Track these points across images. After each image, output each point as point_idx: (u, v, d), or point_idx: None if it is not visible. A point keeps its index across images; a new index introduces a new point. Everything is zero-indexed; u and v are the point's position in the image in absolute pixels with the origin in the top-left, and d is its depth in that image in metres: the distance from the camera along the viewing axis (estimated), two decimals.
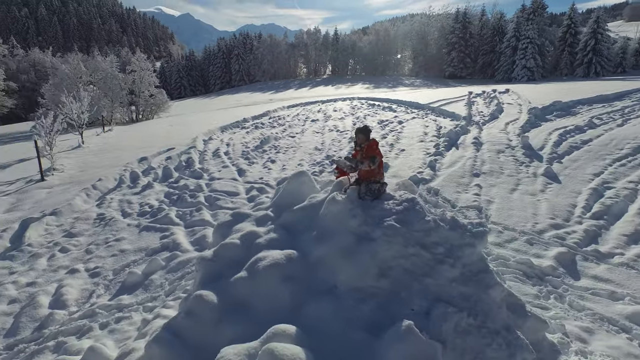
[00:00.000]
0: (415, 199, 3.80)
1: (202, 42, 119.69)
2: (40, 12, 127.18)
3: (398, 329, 2.50)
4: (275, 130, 23.83)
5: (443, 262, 3.19)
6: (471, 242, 3.43)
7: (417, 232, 3.32)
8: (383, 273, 3.02)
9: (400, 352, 2.39)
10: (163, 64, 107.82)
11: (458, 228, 3.47)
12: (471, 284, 3.17)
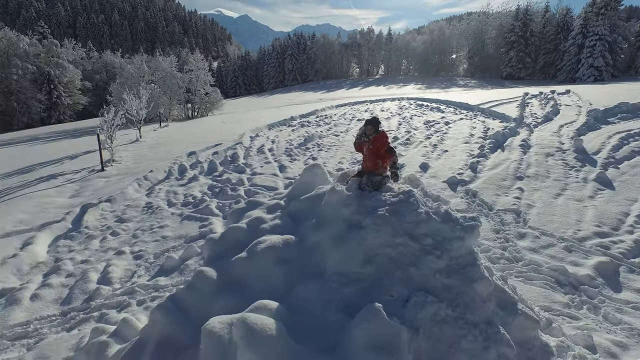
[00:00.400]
0: (411, 191, 3.85)
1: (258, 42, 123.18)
2: (114, 17, 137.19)
3: (366, 310, 2.61)
4: (321, 129, 24.14)
5: (430, 253, 3.24)
6: (461, 236, 3.44)
7: (407, 223, 3.39)
8: (369, 260, 3.13)
9: (364, 331, 2.50)
10: (220, 63, 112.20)
11: (450, 221, 3.49)
12: (456, 277, 3.20)
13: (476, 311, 2.99)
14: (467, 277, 3.14)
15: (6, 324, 6.89)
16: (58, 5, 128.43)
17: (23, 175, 16.70)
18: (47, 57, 65.63)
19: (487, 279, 3.12)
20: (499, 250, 8.56)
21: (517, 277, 7.52)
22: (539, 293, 6.97)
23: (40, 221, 11.18)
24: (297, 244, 3.41)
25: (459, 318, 2.87)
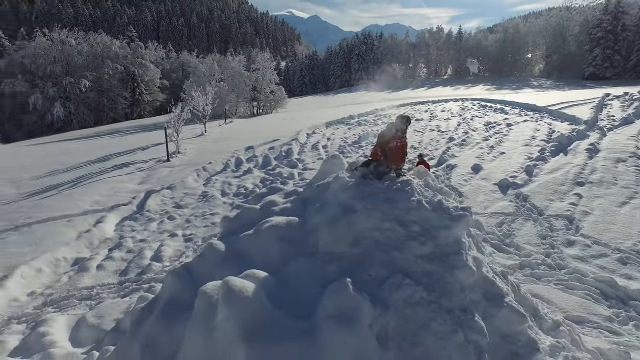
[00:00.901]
0: (410, 181, 3.94)
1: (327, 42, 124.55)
2: (192, 20, 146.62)
3: (337, 284, 2.80)
4: (377, 128, 24.12)
5: (415, 240, 3.32)
6: (448, 225, 3.45)
7: (398, 209, 3.50)
8: (357, 242, 3.30)
9: (331, 301, 2.69)
10: (288, 63, 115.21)
11: (440, 210, 3.52)
12: (438, 263, 3.24)
13: (453, 298, 3.04)
14: (449, 265, 3.20)
15: (76, 286, 7.93)
16: (146, 11, 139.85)
17: (102, 163, 18.65)
18: (133, 59, 71.66)
19: (469, 268, 3.14)
20: (541, 256, 8.16)
21: (557, 285, 7.16)
22: (578, 303, 6.60)
23: (111, 203, 12.51)
24: (300, 225, 3.68)
25: (433, 302, 2.96)
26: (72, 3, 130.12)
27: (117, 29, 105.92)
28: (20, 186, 15.51)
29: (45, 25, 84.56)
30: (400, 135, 4.36)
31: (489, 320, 3.13)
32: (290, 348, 2.51)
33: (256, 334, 2.54)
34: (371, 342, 2.59)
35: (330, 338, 2.54)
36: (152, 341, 3.06)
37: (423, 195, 3.67)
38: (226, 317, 2.62)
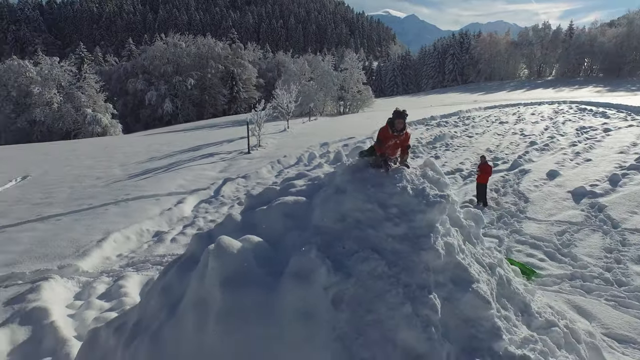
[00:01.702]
0: (402, 169, 4.15)
1: (424, 42, 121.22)
2: (290, 22, 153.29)
3: (305, 249, 3.22)
4: (456, 129, 23.41)
5: (390, 220, 3.53)
6: (423, 209, 3.59)
7: (383, 193, 3.73)
8: (341, 219, 3.63)
9: (294, 262, 3.07)
10: (380, 63, 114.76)
11: (420, 196, 3.69)
12: (407, 243, 3.42)
13: (414, 275, 3.24)
14: (417, 246, 3.39)
15: (152, 253, 9.28)
16: (248, 14, 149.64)
17: (193, 152, 20.90)
18: (233, 58, 77.26)
19: (435, 251, 3.31)
20: (599, 269, 7.60)
21: (608, 301, 6.66)
22: (627, 322, 6.11)
23: (193, 187, 14.12)
24: (305, 204, 4.16)
25: (392, 276, 3.20)
26: (186, 10, 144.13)
27: (222, 32, 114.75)
28: (127, 168, 18.15)
29: (163, 30, 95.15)
30: (398, 131, 4.41)
31: (453, 302, 3.30)
32: (256, 295, 3.03)
33: (232, 282, 3.10)
34: (323, 301, 2.98)
35: (287, 290, 3.00)
36: (169, 285, 3.80)
37: (412, 183, 3.90)
38: (212, 267, 3.23)
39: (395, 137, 4.44)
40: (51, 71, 48.25)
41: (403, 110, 4.63)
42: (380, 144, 4.37)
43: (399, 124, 4.41)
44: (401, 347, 2.94)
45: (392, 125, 4.41)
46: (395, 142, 4.51)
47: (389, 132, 4.39)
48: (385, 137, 4.39)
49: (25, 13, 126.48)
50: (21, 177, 18.52)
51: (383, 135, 4.40)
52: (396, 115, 4.47)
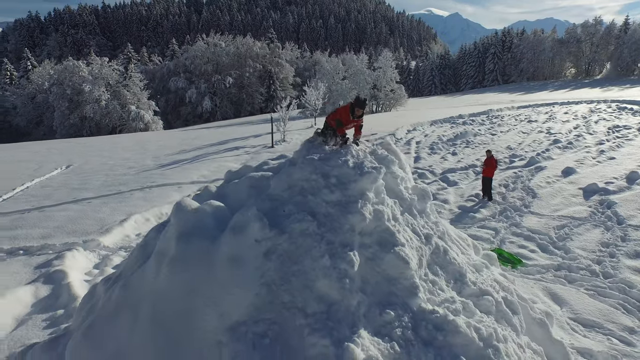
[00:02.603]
0: (350, 147, 4.54)
1: (467, 41, 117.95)
2: (330, 22, 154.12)
3: (246, 207, 3.75)
4: (480, 128, 23.12)
5: (327, 188, 3.93)
6: (356, 179, 3.98)
7: (327, 166, 4.13)
8: (289, 187, 4.06)
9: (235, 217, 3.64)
10: (418, 62, 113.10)
11: (357, 168, 4.09)
12: (338, 208, 3.81)
13: (339, 235, 3.65)
14: (345, 210, 3.78)
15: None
16: (288, 14, 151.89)
17: (219, 146, 21.96)
18: (271, 58, 78.91)
19: (361, 214, 3.71)
20: (589, 262, 7.65)
21: (587, 290, 6.77)
22: (599, 309, 6.26)
23: (214, 177, 15.00)
24: (269, 178, 4.69)
25: (319, 235, 3.62)
26: (228, 11, 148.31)
27: (262, 32, 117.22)
28: (158, 159, 19.43)
29: (205, 31, 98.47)
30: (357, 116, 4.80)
31: (376, 261, 3.70)
32: (202, 245, 3.58)
33: (184, 234, 3.68)
34: (253, 251, 3.48)
35: (224, 241, 3.53)
36: (146, 242, 4.46)
37: (355, 158, 4.33)
38: (172, 222, 3.84)
39: (353, 121, 4.84)
40: (101, 70, 51.48)
41: (364, 99, 5.02)
42: (341, 125, 4.78)
43: (358, 112, 4.80)
44: (318, 294, 3.39)
45: (352, 112, 4.79)
46: (355, 124, 4.93)
47: (347, 116, 4.78)
48: (345, 121, 4.80)
49: (83, 18, 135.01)
50: (65, 166, 20.29)
51: (344, 118, 4.79)
52: (357, 104, 4.83)
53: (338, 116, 4.81)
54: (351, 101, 4.90)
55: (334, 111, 5.01)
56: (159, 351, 3.27)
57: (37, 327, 5.95)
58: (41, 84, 55.24)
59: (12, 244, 9.73)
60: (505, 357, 3.44)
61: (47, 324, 6.02)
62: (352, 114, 4.85)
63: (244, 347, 3.08)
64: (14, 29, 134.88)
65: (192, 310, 3.32)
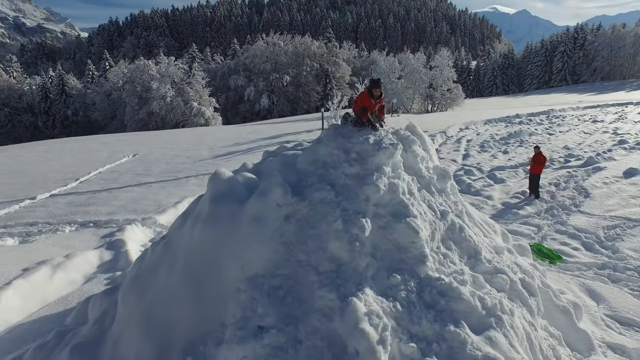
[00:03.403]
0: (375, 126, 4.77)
1: (535, 39, 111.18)
2: (389, 21, 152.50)
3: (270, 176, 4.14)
4: (538, 127, 22.06)
5: (347, 162, 4.21)
6: (374, 154, 4.21)
7: (350, 143, 4.40)
8: (313, 162, 4.38)
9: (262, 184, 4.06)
10: (479, 62, 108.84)
11: (376, 145, 4.32)
12: (355, 180, 4.04)
13: (354, 203, 3.89)
14: (362, 181, 4.02)
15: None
16: (347, 14, 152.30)
17: (271, 139, 22.82)
18: (328, 57, 79.67)
19: (375, 186, 3.93)
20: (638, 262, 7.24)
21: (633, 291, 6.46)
22: None
23: None
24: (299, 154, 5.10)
25: (336, 203, 3.88)
26: (288, 11, 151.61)
27: (320, 32, 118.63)
28: (213, 150, 20.64)
29: (265, 31, 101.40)
30: (376, 97, 4.97)
31: (388, 229, 3.92)
32: (231, 206, 4.03)
33: (217, 198, 4.14)
34: (274, 213, 3.83)
35: (250, 203, 3.96)
36: (189, 210, 5.01)
37: (377, 136, 4.60)
38: (208, 188, 4.33)
39: (375, 104, 5.05)
40: (167, 69, 54.98)
41: (378, 78, 5.20)
42: (365, 111, 5.01)
43: (376, 91, 4.98)
44: (330, 255, 3.70)
45: (370, 94, 4.98)
46: (377, 105, 5.15)
47: (368, 100, 5.00)
48: (368, 105, 5.01)
49: (154, 21, 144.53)
50: (132, 155, 22.14)
51: (365, 103, 5.01)
52: (372, 85, 5.03)
53: (360, 103, 5.04)
54: (366, 85, 5.11)
55: (355, 100, 5.22)
56: (188, 295, 3.76)
57: (100, 283, 6.82)
58: (116, 82, 59.93)
59: (84, 218, 11.01)
60: (510, 328, 3.55)
61: (107, 282, 6.87)
62: (371, 96, 5.04)
63: (259, 295, 3.47)
64: (97, 33, 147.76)
65: (218, 261, 3.77)
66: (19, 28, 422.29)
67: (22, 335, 5.38)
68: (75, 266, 7.30)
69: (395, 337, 3.22)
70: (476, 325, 3.45)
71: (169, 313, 3.80)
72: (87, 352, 4.31)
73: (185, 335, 3.54)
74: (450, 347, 3.22)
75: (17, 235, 10.02)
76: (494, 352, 3.17)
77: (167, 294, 3.94)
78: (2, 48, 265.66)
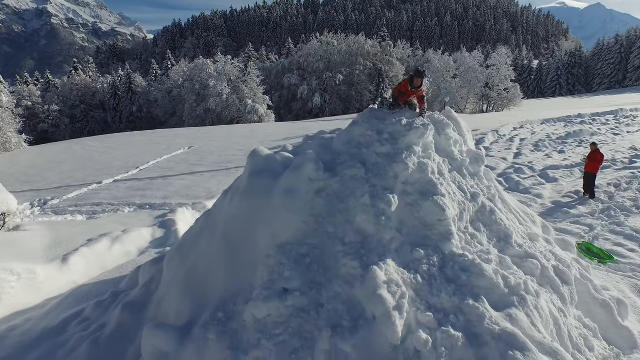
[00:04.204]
0: (404, 109, 4.86)
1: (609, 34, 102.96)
2: (446, 19, 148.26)
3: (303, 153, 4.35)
4: (601, 127, 20.60)
5: (379, 142, 4.30)
6: (405, 134, 4.26)
7: (383, 124, 4.51)
8: (348, 142, 4.52)
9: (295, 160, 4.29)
10: (541, 61, 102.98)
11: (407, 125, 4.38)
12: (385, 158, 4.09)
13: (382, 180, 3.96)
14: (391, 160, 4.08)
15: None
16: (403, 13, 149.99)
17: None
18: (382, 56, 78.99)
19: (404, 164, 3.99)
20: None
21: None
22: None
23: None
24: None
25: (365, 179, 3.97)
26: (343, 11, 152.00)
27: (375, 31, 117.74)
28: (263, 144, 21.27)
29: (320, 30, 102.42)
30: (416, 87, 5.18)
31: (415, 207, 3.99)
32: (267, 180, 4.28)
33: (254, 173, 4.43)
34: (306, 186, 4.02)
35: (284, 177, 4.20)
36: (230, 186, 5.38)
37: (410, 118, 4.70)
38: (247, 164, 4.65)
39: (414, 92, 5.25)
40: (224, 67, 57.23)
41: (423, 70, 5.42)
42: (402, 94, 5.24)
43: (417, 81, 5.19)
44: (356, 227, 3.85)
45: (411, 82, 5.21)
46: (416, 94, 5.31)
47: (407, 87, 5.23)
48: (405, 91, 5.28)
49: (214, 22, 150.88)
50: (188, 147, 23.43)
51: (403, 89, 5.28)
52: (416, 74, 5.26)
53: (399, 87, 5.27)
54: (411, 73, 5.28)
55: (397, 85, 5.46)
56: (224, 260, 4.07)
57: (151, 256, 7.43)
58: (176, 80, 63.21)
59: (142, 201, 11.93)
60: (533, 309, 3.51)
61: (157, 255, 7.45)
62: (411, 84, 5.26)
63: (287, 261, 3.70)
64: (162, 35, 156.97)
65: (251, 230, 4.05)
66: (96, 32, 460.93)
67: (85, 294, 6.03)
68: (131, 240, 8.00)
69: (413, 306, 3.32)
70: (497, 302, 3.47)
71: (207, 276, 4.14)
72: (135, 309, 4.79)
73: (219, 294, 3.84)
74: (468, 320, 3.27)
75: (85, 213, 11.10)
76: (512, 328, 3.17)
77: (206, 259, 4.28)
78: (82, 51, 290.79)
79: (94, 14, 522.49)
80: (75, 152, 25.20)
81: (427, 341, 3.05)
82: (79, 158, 22.37)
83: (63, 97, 66.64)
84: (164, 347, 3.49)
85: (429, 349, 3.02)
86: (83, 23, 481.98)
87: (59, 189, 14.33)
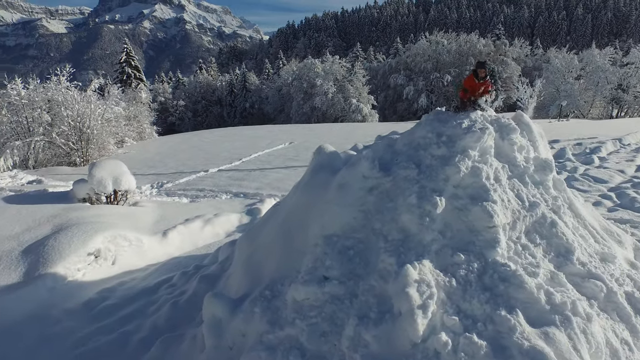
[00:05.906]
0: (469, 114, 4.70)
1: None
2: (576, 12, 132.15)
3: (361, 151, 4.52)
4: None
5: (436, 144, 4.22)
6: (462, 137, 4.12)
7: (443, 127, 4.44)
8: (408, 144, 4.59)
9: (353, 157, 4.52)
10: None
11: (466, 128, 4.23)
12: (440, 160, 3.97)
13: (432, 182, 3.92)
14: (444, 163, 3.97)
15: None
16: (524, 8, 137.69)
17: None
18: (495, 55, 73.97)
19: (456, 167, 3.88)
20: None
21: None
22: None
23: None
24: None
25: (416, 180, 3.94)
26: (456, 8, 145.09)
27: (490, 29, 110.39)
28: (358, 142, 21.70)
29: (430, 29, 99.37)
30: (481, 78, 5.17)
31: (464, 211, 3.93)
32: (326, 175, 4.62)
33: (316, 168, 4.80)
34: (358, 183, 4.22)
35: (341, 172, 4.49)
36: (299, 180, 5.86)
37: (472, 121, 4.61)
38: (311, 160, 5.06)
39: (481, 84, 5.23)
40: (331, 67, 59.03)
41: (484, 61, 5.51)
42: (467, 92, 5.26)
43: (481, 72, 5.21)
44: (400, 226, 3.97)
45: (476, 76, 5.22)
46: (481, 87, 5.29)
47: (474, 82, 5.21)
48: (471, 87, 5.25)
49: (325, 23, 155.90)
50: (288, 143, 24.89)
51: (467, 84, 5.26)
52: (477, 65, 5.32)
53: (464, 85, 5.30)
54: (473, 67, 5.32)
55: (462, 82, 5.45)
56: (280, 246, 4.54)
57: (235, 239, 8.32)
58: (286, 78, 66.91)
59: (238, 190, 13.21)
60: (579, 332, 3.29)
61: None
62: (476, 77, 5.27)
63: (331, 250, 4.01)
64: (276, 36, 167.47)
65: (305, 220, 4.43)
66: (220, 35, 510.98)
67: (176, 264, 7.08)
68: (220, 223, 9.04)
69: (441, 308, 3.38)
70: (535, 317, 3.32)
71: (264, 258, 4.65)
72: (210, 282, 5.54)
73: (271, 275, 4.31)
74: (497, 330, 3.21)
75: (189, 197, 12.72)
76: (543, 346, 3.04)
77: (266, 244, 4.80)
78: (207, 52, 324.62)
79: (219, 18, 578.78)
80: (192, 142, 28.50)
81: (447, 343, 3.10)
82: (194, 148, 25.29)
83: (188, 94, 75.10)
84: (219, 314, 4.06)
85: (448, 351, 3.07)
86: (210, 27, 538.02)
87: (174, 174, 16.50)
